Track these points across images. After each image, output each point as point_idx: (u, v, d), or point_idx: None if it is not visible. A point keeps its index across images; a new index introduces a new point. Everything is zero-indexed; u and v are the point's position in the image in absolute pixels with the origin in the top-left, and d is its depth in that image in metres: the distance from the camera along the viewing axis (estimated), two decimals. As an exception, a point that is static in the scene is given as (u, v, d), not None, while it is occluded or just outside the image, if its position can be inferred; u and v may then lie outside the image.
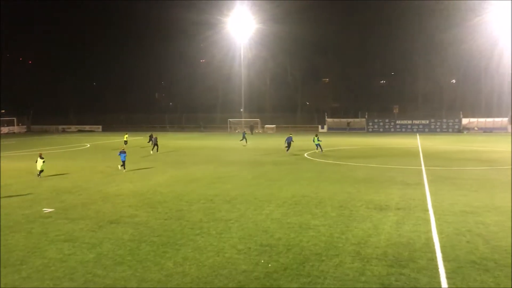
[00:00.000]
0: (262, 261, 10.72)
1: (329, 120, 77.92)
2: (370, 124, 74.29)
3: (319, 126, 76.45)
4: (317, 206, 16.47)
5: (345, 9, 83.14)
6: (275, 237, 12.61)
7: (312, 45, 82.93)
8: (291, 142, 37.49)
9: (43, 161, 24.44)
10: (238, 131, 74.52)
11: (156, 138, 38.79)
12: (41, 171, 24.32)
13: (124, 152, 27.40)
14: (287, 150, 36.97)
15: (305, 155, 35.22)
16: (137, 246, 11.90)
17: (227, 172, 25.69)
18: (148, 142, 43.08)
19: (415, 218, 14.60)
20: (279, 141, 51.70)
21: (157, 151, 37.43)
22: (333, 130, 74.25)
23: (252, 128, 71.71)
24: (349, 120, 77.18)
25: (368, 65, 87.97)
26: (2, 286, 9.39)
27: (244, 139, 45.91)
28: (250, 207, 16.52)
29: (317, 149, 37.03)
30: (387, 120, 73.97)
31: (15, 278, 9.80)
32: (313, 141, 37.00)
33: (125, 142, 44.22)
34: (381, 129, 73.15)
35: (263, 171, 26.17)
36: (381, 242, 12.05)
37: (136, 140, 55.09)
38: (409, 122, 72.94)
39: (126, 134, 47.50)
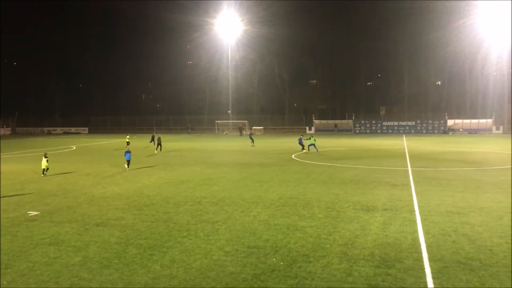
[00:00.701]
0: (250, 263, 10.71)
1: (316, 121, 78.22)
2: (357, 125, 74.74)
3: (307, 128, 76.70)
4: (304, 208, 16.51)
5: (332, 11, 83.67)
6: (263, 239, 12.61)
7: (299, 47, 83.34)
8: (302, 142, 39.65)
9: (47, 160, 25.84)
10: (226, 133, 74.44)
11: (159, 138, 41.39)
12: (46, 169, 25.77)
13: (129, 152, 29.04)
14: (302, 149, 39.02)
15: (293, 156, 35.29)
16: (124, 249, 11.80)
17: (214, 174, 25.63)
18: (151, 142, 44.02)
19: (401, 218, 14.71)
20: (266, 142, 51.79)
21: (160, 150, 40.21)
22: (320, 131, 74.55)
23: (240, 129, 71.67)
24: (337, 121, 77.58)
25: (355, 66, 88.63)
26: (-15, 290, 9.26)
27: (252, 141, 47.82)
28: (238, 209, 16.50)
29: (308, 149, 38.40)
30: (374, 122, 74.48)
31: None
32: (310, 140, 38.67)
33: (128, 143, 45.54)
34: (368, 131, 73.63)
35: (250, 173, 26.15)
36: (368, 243, 12.12)
37: (122, 142, 54.78)
38: (396, 123, 73.54)
39: (128, 135, 50.17)
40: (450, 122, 72.03)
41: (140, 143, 51.69)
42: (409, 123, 72.90)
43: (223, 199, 18.31)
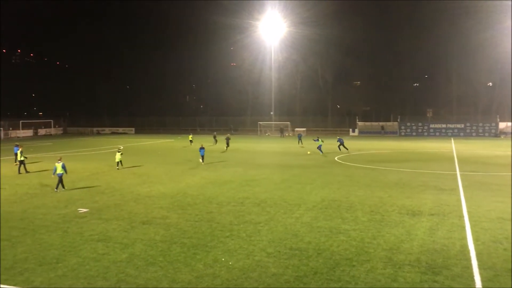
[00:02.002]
0: (292, 264, 10.68)
1: (360, 123, 76.96)
2: (403, 127, 72.94)
3: (350, 130, 75.64)
4: (347, 211, 16.29)
5: (377, 10, 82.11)
6: (305, 241, 12.54)
7: (343, 48, 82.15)
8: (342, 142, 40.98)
9: (121, 154, 29.20)
10: (268, 134, 74.55)
11: (228, 138, 44.54)
12: (119, 162, 28.83)
13: (203, 148, 32.11)
14: (339, 149, 40.37)
15: (336, 158, 34.89)
16: (168, 247, 12.05)
17: (256, 175, 25.72)
18: (215, 143, 46.74)
19: (449, 224, 14.24)
20: (308, 144, 51.46)
21: (226, 149, 42.78)
22: (364, 133, 73.32)
23: (282, 131, 71.60)
24: (382, 123, 75.97)
25: (400, 67, 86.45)
26: (38, 283, 9.67)
27: (300, 141, 48.23)
28: (280, 210, 16.49)
29: (321, 151, 38.75)
30: (420, 124, 72.44)
31: (51, 276, 10.08)
32: (318, 141, 39.76)
33: (191, 141, 49.56)
34: (414, 133, 71.71)
35: (292, 174, 26.07)
36: (414, 248, 11.81)
37: (168, 143, 55.90)
38: (443, 126, 71.21)
39: (191, 135, 52.52)
40: (502, 125, 68.98)
41: (183, 143, 52.59)
42: (458, 125, 70.40)
43: (265, 200, 18.35)
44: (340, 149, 40.42)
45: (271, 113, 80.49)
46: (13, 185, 22.77)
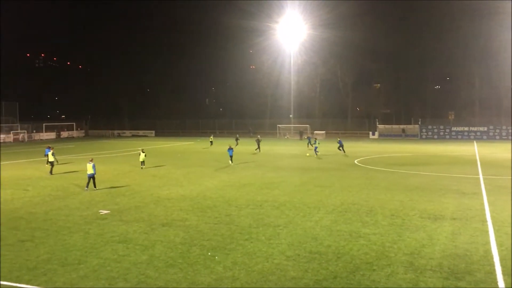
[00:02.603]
0: (311, 268, 10.63)
1: (380, 126, 76.23)
2: (424, 130, 71.96)
3: (370, 132, 74.98)
4: (367, 214, 16.14)
5: (399, 12, 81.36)
6: (325, 245, 12.46)
7: (363, 50, 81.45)
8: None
9: (145, 155, 30.53)
10: (287, 137, 74.43)
11: (258, 139, 45.21)
12: (143, 162, 30.16)
13: (232, 149, 33.28)
14: (340, 150, 41.23)
15: (355, 161, 34.63)
16: (188, 249, 12.12)
17: (275, 178, 25.69)
18: (237, 145, 46.96)
19: (472, 229, 13.98)
20: (328, 147, 51.19)
21: (259, 151, 43.43)
22: (384, 136, 72.58)
23: (301, 134, 71.41)
24: (403, 126, 75.07)
25: (421, 70, 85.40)
26: (61, 284, 9.82)
27: (310, 144, 48.15)
28: (299, 213, 16.43)
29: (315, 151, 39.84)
30: (441, 127, 71.36)
31: (73, 276, 10.24)
32: (314, 143, 41.24)
33: (211, 142, 51.73)
34: (435, 136, 70.67)
35: (311, 177, 25.96)
36: (436, 253, 11.63)
37: (188, 145, 56.28)
38: (466, 129, 69.99)
39: (211, 136, 55.18)
40: (526, 128, 67.44)
41: (203, 146, 52.89)
42: (481, 128, 69.12)
43: (284, 203, 18.31)
44: (340, 150, 41.46)
45: (290, 115, 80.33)
46: (36, 186, 23.22)
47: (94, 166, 21.75)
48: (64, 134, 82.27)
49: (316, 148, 40.21)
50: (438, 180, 24.53)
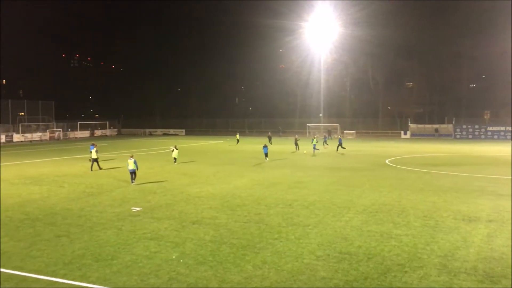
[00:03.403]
0: (342, 268, 10.54)
1: (412, 125, 74.78)
2: (458, 130, 70.18)
3: (402, 132, 73.71)
4: (399, 215, 15.88)
5: (431, 9, 79.49)
6: (355, 245, 12.34)
7: (396, 48, 79.97)
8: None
9: (178, 151, 32.68)
10: (317, 136, 73.97)
11: (296, 139, 45.89)
12: (175, 158, 32.28)
13: (266, 147, 35.64)
14: (342, 148, 43.22)
15: (386, 161, 34.11)
16: (218, 247, 12.21)
17: (304, 177, 25.58)
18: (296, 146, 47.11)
19: (508, 231, 13.56)
20: (358, 147, 50.69)
21: (298, 149, 44.10)
22: (417, 136, 71.18)
23: (330, 133, 70.91)
24: (436, 126, 73.43)
25: (455, 67, 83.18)
26: (94, 279, 10.07)
27: (325, 143, 48.22)
28: (329, 213, 16.32)
29: (314, 151, 41.17)
30: (476, 126, 69.40)
31: (106, 272, 10.48)
32: (311, 141, 42.20)
33: (238, 141, 54.06)
34: (470, 136, 68.80)
35: (341, 177, 25.72)
36: (470, 256, 11.34)
37: (218, 144, 56.69)
38: (502, 128, 67.81)
39: (237, 134, 58.38)
40: None
41: (232, 144, 53.14)
42: (518, 128, 66.89)
43: (313, 202, 18.21)
44: (342, 148, 43.44)
45: (320, 115, 79.77)
46: (72, 183, 23.86)
47: (135, 162, 23.42)
48: (98, 132, 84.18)
49: (314, 145, 41.51)
50: (473, 181, 23.90)
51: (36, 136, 69.52)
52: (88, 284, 9.74)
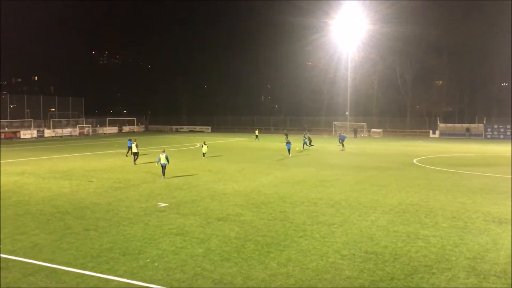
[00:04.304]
0: (367, 268, 10.43)
1: (441, 125, 73.33)
2: (489, 130, 68.41)
3: (430, 131, 72.38)
4: (427, 216, 15.61)
5: (462, 7, 77.61)
6: (381, 245, 12.19)
7: (425, 46, 78.44)
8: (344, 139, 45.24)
9: (207, 146, 35.15)
10: (306, 133, 73.29)
11: (309, 137, 45.52)
12: (204, 153, 34.73)
13: (289, 143, 37.19)
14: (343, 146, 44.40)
15: (414, 161, 33.55)
16: (243, 244, 12.26)
17: (330, 176, 25.41)
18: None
19: (541, 235, 13.16)
20: (385, 145, 50.07)
21: (343, 148, 44.90)
22: (446, 135, 69.77)
23: (355, 131, 70.30)
24: (467, 125, 71.77)
25: (487, 66, 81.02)
26: (122, 272, 10.26)
27: (342, 144, 47.16)
28: (355, 212, 16.17)
29: (307, 145, 42.70)
30: (508, 126, 67.48)
31: (133, 266, 10.66)
32: (304, 138, 43.74)
33: (256, 136, 56.20)
34: (501, 136, 66.97)
35: (367, 176, 25.44)
36: (501, 259, 11.06)
37: (243, 141, 56.87)
38: (535, 128, 65.80)
39: (256, 130, 59.93)
40: None
41: (250, 140, 53.21)
42: (552, 128, 64.77)
43: (339, 201, 18.08)
44: (343, 146, 44.58)
45: (346, 113, 79.04)
46: (100, 178, 24.34)
47: (167, 157, 24.26)
48: (126, 128, 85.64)
49: (305, 143, 42.88)
50: (504, 182, 23.27)
51: (66, 131, 71.21)
52: (116, 278, 9.93)
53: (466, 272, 10.21)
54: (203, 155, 34.74)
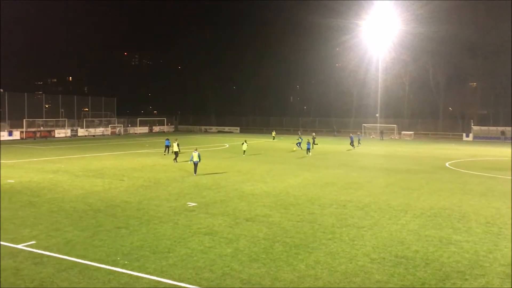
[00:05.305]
0: (398, 273, 10.26)
1: (475, 127, 71.45)
2: (526, 133, 66.21)
3: (464, 134, 70.64)
4: (459, 220, 15.24)
5: (498, 6, 75.41)
6: (412, 250, 11.97)
7: (459, 46, 76.49)
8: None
9: (247, 145, 37.68)
10: (372, 137, 72.47)
11: (314, 138, 46.10)
12: (245, 151, 37.20)
13: (309, 143, 39.42)
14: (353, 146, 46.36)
15: (446, 164, 32.81)
16: (271, 245, 12.26)
17: (359, 178, 25.12)
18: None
19: None
20: (416, 148, 49.20)
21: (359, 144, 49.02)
22: (480, 138, 67.92)
23: (382, 133, 69.46)
24: (502, 128, 69.65)
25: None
26: (152, 270, 10.41)
27: (353, 144, 47.90)
28: (385, 215, 15.94)
29: (299, 147, 43.53)
30: (546, 130, 65.23)
31: (163, 264, 10.80)
32: (298, 139, 45.64)
33: (273, 138, 59.55)
34: (538, 139, 64.70)
35: (398, 179, 25.03)
36: (538, 267, 10.69)
37: (271, 142, 56.84)
38: None
39: (273, 131, 64.27)
40: None
41: (266, 139, 53.10)
42: None
43: (368, 204, 17.86)
44: (353, 146, 46.45)
45: (377, 115, 77.96)
46: (131, 177, 24.79)
47: (199, 155, 25.55)
48: (156, 128, 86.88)
49: (299, 143, 44.00)
50: (541, 187, 22.48)
51: (99, 130, 72.79)
52: (146, 275, 10.08)
53: (501, 279, 9.91)
54: (243, 153, 37.09)
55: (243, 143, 37.92)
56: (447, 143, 59.92)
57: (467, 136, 69.70)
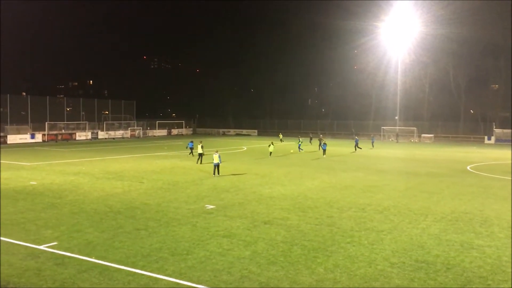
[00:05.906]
0: (418, 278, 10.13)
1: (497, 130, 70.13)
2: (549, 136, 64.74)
3: (485, 137, 69.40)
4: (481, 225, 14.97)
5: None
6: (432, 254, 11.80)
7: (481, 48, 75.27)
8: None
9: (274, 146, 39.36)
10: (391, 140, 71.72)
11: (321, 140, 46.67)
12: (271, 152, 38.75)
13: (325, 144, 40.72)
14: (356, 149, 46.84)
15: (468, 167, 32.27)
16: (289, 248, 12.22)
17: (378, 181, 24.89)
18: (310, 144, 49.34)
19: None
20: (436, 151, 48.53)
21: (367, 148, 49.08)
22: (502, 141, 66.62)
23: (397, 136, 68.79)
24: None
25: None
26: (170, 272, 10.48)
27: (355, 148, 48.17)
28: (404, 219, 15.75)
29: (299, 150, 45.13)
30: None
31: (182, 266, 10.86)
32: (298, 142, 46.96)
33: (281, 140, 60.01)
34: (563, 143, 63.20)
35: (418, 182, 24.72)
36: None
37: (290, 145, 56.73)
38: None
39: (280, 134, 66.27)
40: None
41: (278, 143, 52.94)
42: None
43: (388, 208, 17.68)
44: (359, 148, 47.14)
45: (396, 117, 77.15)
46: (150, 179, 25.01)
47: (219, 157, 26.26)
48: (174, 131, 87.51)
49: (300, 145, 45.68)
50: None
51: (119, 133, 73.66)
52: (165, 277, 10.16)
53: (525, 285, 9.70)
54: (270, 154, 38.69)
55: (269, 145, 39.28)
56: (468, 146, 58.95)
57: (489, 139, 68.46)
